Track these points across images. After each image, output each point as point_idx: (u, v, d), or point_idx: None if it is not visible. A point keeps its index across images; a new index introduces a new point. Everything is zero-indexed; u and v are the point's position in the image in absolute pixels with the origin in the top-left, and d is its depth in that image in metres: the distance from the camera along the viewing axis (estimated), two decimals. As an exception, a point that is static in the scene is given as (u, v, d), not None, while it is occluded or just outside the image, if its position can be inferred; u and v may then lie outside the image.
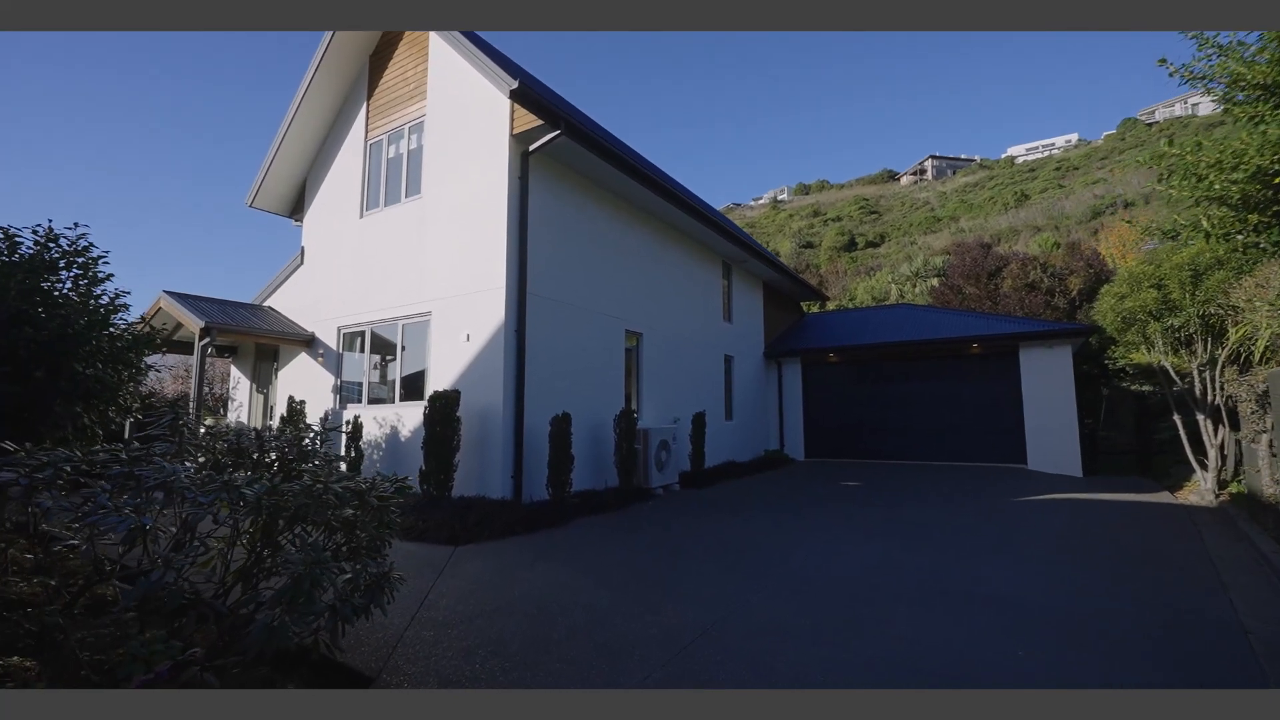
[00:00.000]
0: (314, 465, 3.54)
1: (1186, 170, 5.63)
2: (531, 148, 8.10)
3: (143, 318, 5.35)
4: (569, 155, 8.65)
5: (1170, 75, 5.88)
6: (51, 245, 4.65)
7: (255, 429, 3.61)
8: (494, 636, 3.80)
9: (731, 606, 4.38)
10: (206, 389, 16.29)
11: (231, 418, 12.12)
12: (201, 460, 3.49)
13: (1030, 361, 12.59)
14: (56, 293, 4.65)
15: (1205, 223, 6.10)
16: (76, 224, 4.78)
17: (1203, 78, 5.86)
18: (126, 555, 2.95)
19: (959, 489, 10.21)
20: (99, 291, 4.91)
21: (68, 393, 4.25)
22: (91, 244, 4.88)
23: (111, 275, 5.01)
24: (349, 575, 2.94)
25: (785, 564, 5.54)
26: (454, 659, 3.48)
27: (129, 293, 5.00)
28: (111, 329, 4.87)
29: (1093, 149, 67.50)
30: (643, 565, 5.56)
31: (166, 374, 17.33)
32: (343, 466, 8.67)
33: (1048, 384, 12.30)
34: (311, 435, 3.69)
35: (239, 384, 12.27)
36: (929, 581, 4.98)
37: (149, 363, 5.84)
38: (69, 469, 2.89)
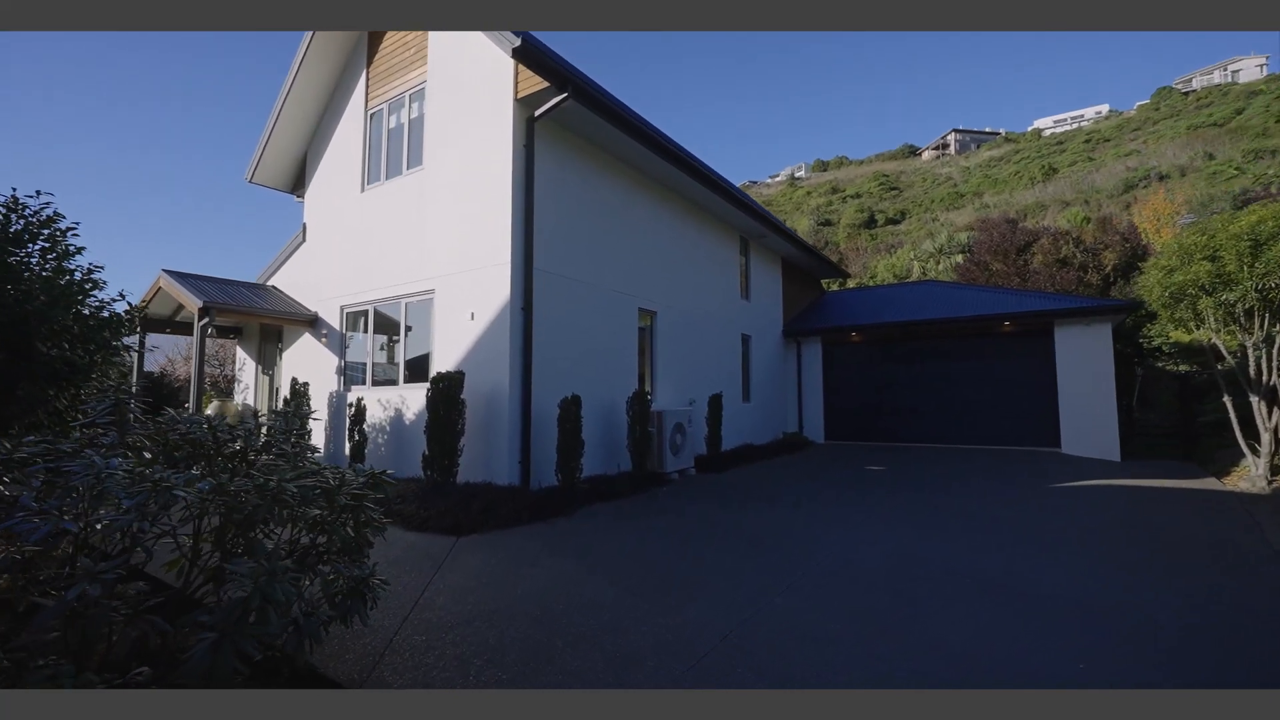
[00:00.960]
0: (271, 458, 3.14)
1: None
2: (537, 113, 7.58)
3: (121, 294, 4.97)
4: (577, 121, 8.11)
5: None
6: (13, 215, 4.27)
7: (208, 416, 3.24)
8: (493, 643, 3.45)
9: (752, 608, 3.99)
10: (219, 370, 16.19)
11: (238, 399, 11.94)
12: (150, 454, 3.12)
13: (1066, 340, 11.93)
14: (24, 269, 4.30)
15: None
16: (39, 192, 4.38)
17: None
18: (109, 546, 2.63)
19: (990, 474, 9.70)
20: (71, 266, 4.55)
21: (33, 375, 3.92)
22: (59, 214, 4.49)
23: (83, 249, 4.63)
24: (319, 581, 2.59)
25: (809, 558, 5.13)
26: (446, 669, 3.14)
27: (102, 268, 4.64)
28: (83, 307, 4.51)
29: (1125, 120, 64.80)
30: (656, 559, 5.18)
31: (179, 355, 17.29)
32: (345, 449, 8.40)
33: (1085, 363, 11.64)
34: (270, 423, 3.30)
35: (244, 365, 12.06)
36: (965, 579, 4.54)
37: (157, 343, 5.50)
38: None
